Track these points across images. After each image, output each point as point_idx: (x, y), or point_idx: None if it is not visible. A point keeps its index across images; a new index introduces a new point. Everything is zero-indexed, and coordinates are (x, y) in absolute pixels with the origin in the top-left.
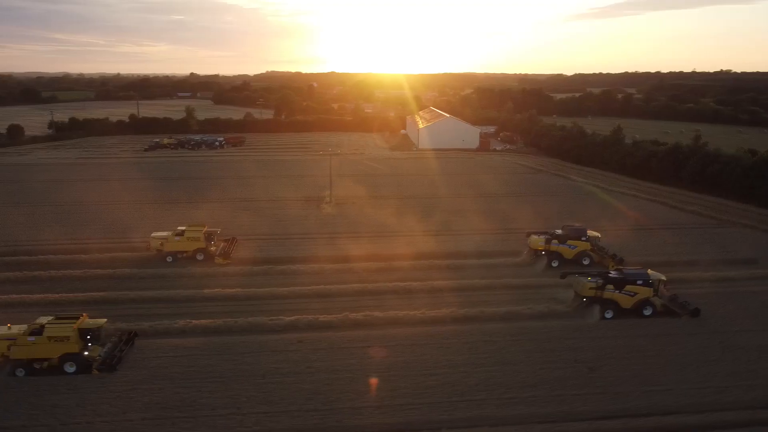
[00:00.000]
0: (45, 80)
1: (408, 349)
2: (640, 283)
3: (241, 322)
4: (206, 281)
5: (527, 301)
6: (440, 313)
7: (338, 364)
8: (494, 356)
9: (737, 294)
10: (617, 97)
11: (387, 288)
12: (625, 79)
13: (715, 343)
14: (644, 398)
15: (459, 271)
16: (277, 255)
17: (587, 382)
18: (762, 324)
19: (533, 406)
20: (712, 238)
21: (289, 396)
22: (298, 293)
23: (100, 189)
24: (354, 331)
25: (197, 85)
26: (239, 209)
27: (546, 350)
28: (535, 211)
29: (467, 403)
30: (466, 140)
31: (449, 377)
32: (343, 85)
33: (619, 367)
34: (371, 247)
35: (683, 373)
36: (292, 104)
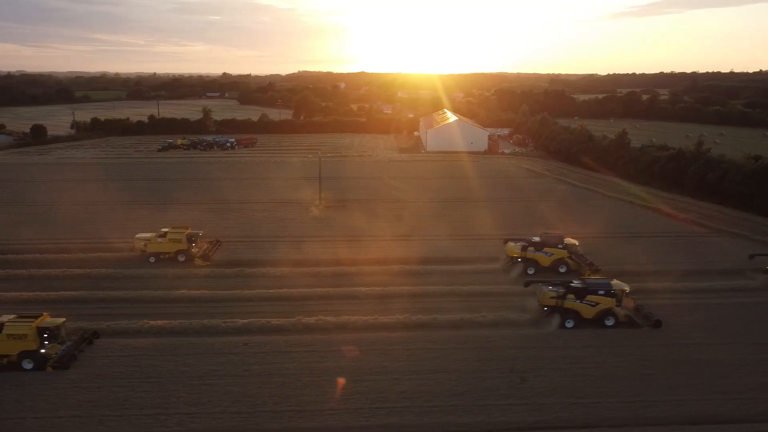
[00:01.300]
0: (83, 80)
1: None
2: (601, 293)
3: (195, 324)
4: (178, 282)
5: (487, 308)
6: (392, 319)
7: (275, 368)
8: (431, 364)
9: (703, 306)
10: (642, 98)
11: (349, 293)
12: (660, 80)
13: (661, 356)
14: (567, 410)
15: (428, 277)
16: (253, 258)
17: (514, 393)
18: (717, 338)
19: (452, 415)
20: (695, 248)
21: (217, 398)
22: (261, 296)
23: (98, 189)
24: (302, 336)
25: (227, 85)
26: (230, 211)
27: (485, 359)
28: (523, 216)
29: (388, 410)
30: (475, 143)
31: (379, 384)
32: (369, 86)
33: (552, 379)
34: (346, 252)
35: (616, 386)
36: (311, 105)
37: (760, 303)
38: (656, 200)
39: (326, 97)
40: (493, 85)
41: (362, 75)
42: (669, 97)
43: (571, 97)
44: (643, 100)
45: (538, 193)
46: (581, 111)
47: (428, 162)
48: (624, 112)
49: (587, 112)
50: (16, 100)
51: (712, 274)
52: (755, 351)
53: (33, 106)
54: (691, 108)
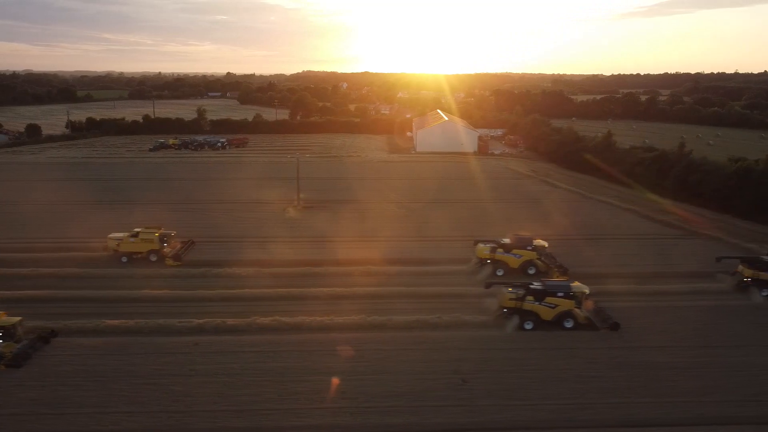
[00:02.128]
0: (88, 79)
1: (296, 355)
2: (560, 295)
3: (151, 324)
4: (144, 282)
5: (446, 310)
6: (348, 320)
7: (220, 368)
8: (376, 365)
9: (664, 309)
10: (640, 99)
11: (310, 293)
12: (664, 81)
13: (607, 358)
14: (501, 412)
15: (392, 278)
16: (223, 258)
17: (453, 394)
18: (669, 341)
19: (387, 416)
20: (667, 250)
21: (157, 397)
22: (222, 296)
23: (80, 189)
24: (254, 336)
25: (229, 85)
26: (208, 211)
27: (431, 360)
28: (499, 217)
29: (324, 411)
30: (465, 144)
31: (320, 384)
32: (371, 86)
33: (494, 380)
34: (315, 252)
35: (555, 389)
36: (308, 105)
37: (721, 306)
38: (638, 202)
39: (325, 97)
40: (497, 85)
41: (366, 75)
42: (668, 98)
43: (569, 98)
44: (642, 101)
45: (520, 194)
46: (579, 112)
47: (415, 163)
48: (623, 113)
49: (585, 113)
50: (18, 100)
51: (679, 277)
52: (703, 354)
53: (34, 106)
54: (690, 109)
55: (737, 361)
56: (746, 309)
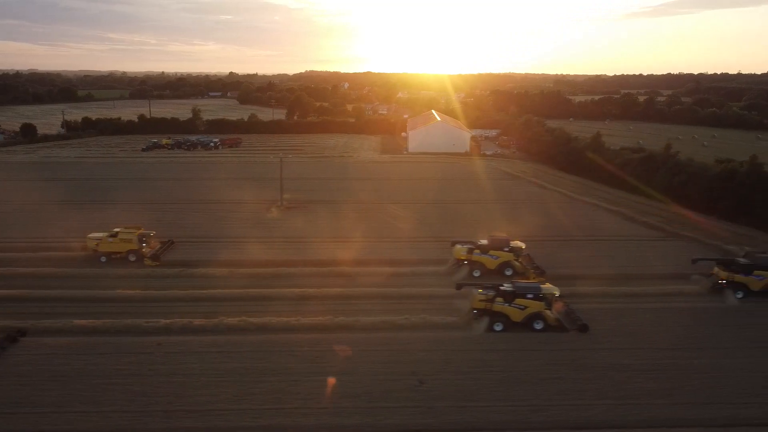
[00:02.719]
0: (91, 79)
1: (258, 356)
2: (530, 297)
3: (118, 324)
4: (119, 282)
5: (415, 311)
6: (314, 321)
7: (180, 368)
8: (337, 366)
9: (634, 310)
10: (638, 100)
11: (281, 294)
12: (667, 81)
13: (569, 360)
14: (455, 414)
15: (366, 279)
16: (201, 258)
17: (410, 396)
18: (634, 342)
19: (340, 417)
20: (645, 252)
21: (114, 397)
22: (193, 296)
23: (65, 189)
24: (219, 336)
25: (230, 84)
26: (192, 211)
27: (393, 362)
28: (482, 218)
29: (277, 411)
30: (457, 144)
31: (277, 385)
32: (372, 86)
33: (451, 381)
34: (292, 253)
35: (513, 390)
36: (305, 105)
37: (693, 308)
38: (624, 203)
39: (323, 97)
40: (499, 85)
41: (368, 75)
42: (666, 99)
43: (567, 99)
44: (640, 102)
45: (505, 195)
46: (577, 112)
47: (405, 163)
48: (620, 114)
49: (583, 114)
50: (19, 99)
51: (654, 279)
52: (667, 356)
53: (35, 105)
54: (688, 110)
55: (700, 363)
56: (718, 311)
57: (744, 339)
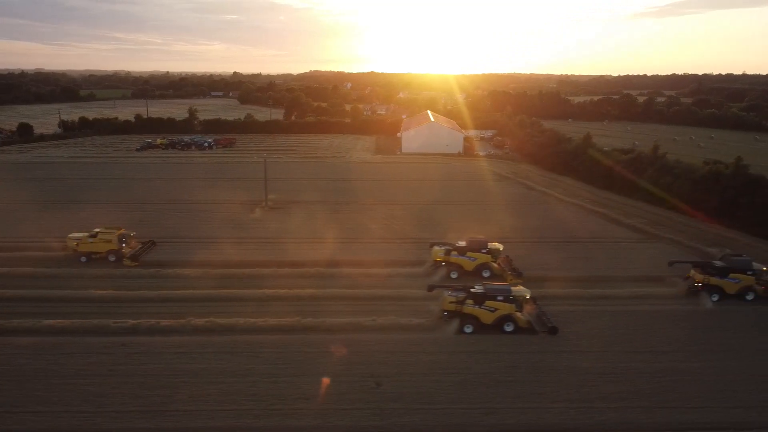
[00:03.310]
0: (95, 78)
1: (220, 357)
2: (500, 299)
3: (86, 324)
4: (94, 282)
5: (384, 312)
6: (282, 321)
7: (140, 369)
8: (297, 367)
9: (606, 313)
10: (638, 101)
11: (253, 295)
12: (673, 82)
13: (530, 363)
14: (406, 416)
15: (340, 280)
16: (179, 258)
17: (363, 398)
18: (600, 345)
19: (290, 419)
20: (624, 254)
21: (69, 398)
22: (164, 297)
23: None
24: (184, 337)
25: (233, 84)
26: (177, 211)
27: (353, 363)
28: (465, 219)
29: (229, 413)
30: (450, 145)
31: (234, 386)
32: (374, 86)
33: (408, 384)
34: (270, 253)
35: (468, 393)
36: (303, 105)
37: (665, 311)
38: (610, 204)
39: (323, 97)
40: (503, 85)
41: (371, 75)
42: (666, 100)
43: (566, 99)
44: (640, 103)
45: (490, 196)
46: (576, 113)
47: (395, 164)
48: (620, 115)
49: (582, 114)
50: (20, 99)
51: (630, 281)
52: (629, 359)
53: (36, 105)
54: (687, 111)
55: (662, 366)
56: (690, 314)
57: (707, 343)
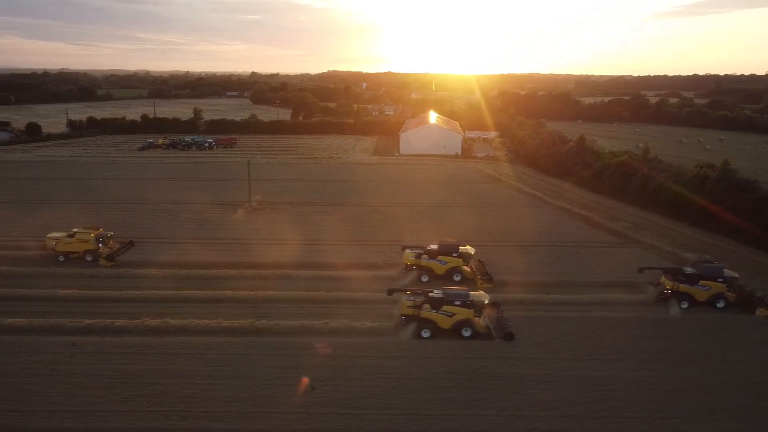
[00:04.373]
0: (116, 78)
1: (164, 358)
2: (457, 304)
3: (44, 323)
4: (63, 282)
5: (340, 316)
6: (235, 323)
7: (81, 369)
8: (236, 369)
9: (564, 318)
10: (649, 102)
11: (213, 296)
12: (693, 83)
13: (470, 369)
14: (332, 421)
15: (304, 282)
16: (153, 259)
17: (293, 401)
18: (548, 352)
19: (215, 421)
20: (599, 258)
21: (6, 396)
22: (126, 297)
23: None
24: (135, 337)
25: (249, 84)
26: (161, 211)
27: (293, 366)
28: (447, 222)
29: (158, 413)
30: (448, 146)
31: (170, 387)
32: (389, 86)
33: (344, 388)
34: (242, 255)
35: (399, 399)
36: (310, 106)
37: (625, 318)
38: (597, 208)
39: (333, 97)
40: (520, 86)
41: (388, 75)
42: (678, 101)
43: (576, 100)
44: (651, 104)
45: (480, 198)
46: (587, 114)
47: (389, 165)
48: (630, 116)
49: (593, 116)
50: (39, 98)
51: (599, 287)
52: (572, 368)
53: (52, 104)
54: (699, 112)
55: (604, 375)
56: (651, 322)
57: (658, 351)
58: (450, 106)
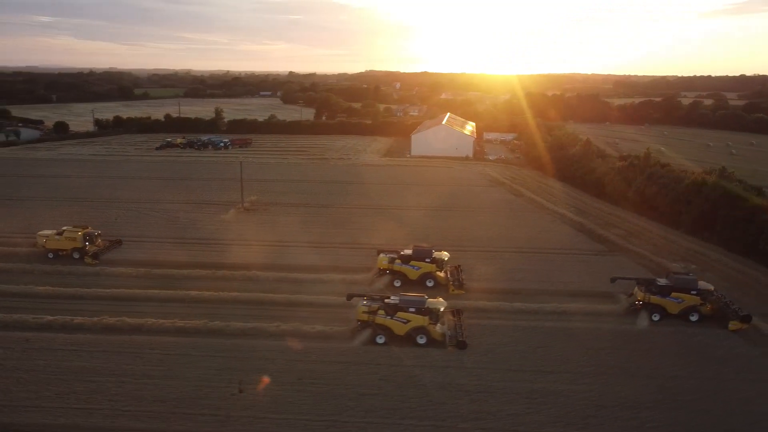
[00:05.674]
0: (158, 77)
1: (105, 356)
2: (412, 311)
3: (6, 318)
4: (41, 278)
5: (295, 319)
6: (188, 324)
7: (25, 364)
8: (173, 369)
9: (520, 328)
10: (681, 104)
11: (176, 296)
12: (740, 83)
13: (406, 377)
14: (248, 425)
15: (273, 284)
16: (136, 258)
17: (217, 404)
18: (489, 362)
19: (137, 421)
20: (576, 267)
21: None
22: (96, 295)
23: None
24: (90, 335)
25: (284, 84)
26: (155, 210)
27: (230, 368)
28: (432, 227)
29: (83, 410)
30: (460, 148)
31: (103, 385)
32: (421, 86)
33: (273, 392)
34: (218, 255)
35: (324, 405)
36: (333, 106)
37: (586, 329)
38: (594, 213)
39: (361, 97)
40: (558, 86)
41: (424, 75)
42: (713, 103)
43: (605, 102)
44: (683, 106)
45: (474, 202)
46: (616, 116)
47: (396, 167)
48: (662, 118)
49: (623, 117)
50: (80, 97)
51: (569, 296)
52: (507, 378)
53: (91, 103)
54: (733, 115)
55: (539, 387)
56: (612, 333)
57: (603, 365)
58: (477, 107)
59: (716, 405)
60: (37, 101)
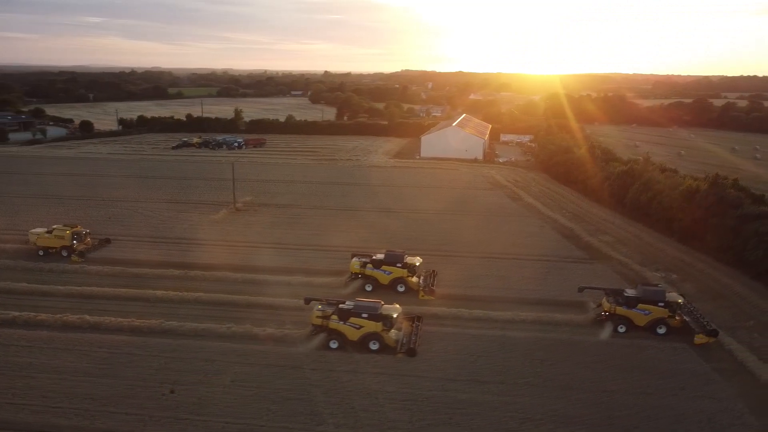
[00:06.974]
0: (195, 77)
1: (52, 353)
2: (365, 317)
3: None
4: (21, 275)
5: (250, 321)
6: (144, 323)
7: None
8: (113, 368)
9: (471, 336)
10: (712, 105)
11: (143, 295)
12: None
13: (333, 383)
14: (168, 426)
15: (239, 286)
16: (119, 257)
17: (143, 404)
18: (426, 371)
19: (60, 417)
20: (552, 274)
21: None
22: (68, 293)
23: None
24: (48, 332)
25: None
26: (149, 210)
27: (168, 369)
28: (417, 230)
29: (17, 406)
30: (469, 150)
31: (42, 382)
32: (452, 87)
33: (202, 394)
34: (195, 256)
35: (248, 408)
36: (355, 106)
37: (539, 339)
38: (589, 219)
39: (388, 97)
40: (596, 86)
41: (458, 75)
42: (747, 105)
43: (632, 103)
44: (715, 108)
45: (467, 206)
46: (643, 118)
47: (401, 169)
48: (692, 120)
49: (650, 119)
50: (115, 96)
51: (533, 304)
52: (440, 387)
53: (126, 102)
54: (766, 117)
55: (464, 398)
56: (564, 345)
57: (541, 377)
58: (500, 108)
59: (647, 422)
60: (74, 100)
